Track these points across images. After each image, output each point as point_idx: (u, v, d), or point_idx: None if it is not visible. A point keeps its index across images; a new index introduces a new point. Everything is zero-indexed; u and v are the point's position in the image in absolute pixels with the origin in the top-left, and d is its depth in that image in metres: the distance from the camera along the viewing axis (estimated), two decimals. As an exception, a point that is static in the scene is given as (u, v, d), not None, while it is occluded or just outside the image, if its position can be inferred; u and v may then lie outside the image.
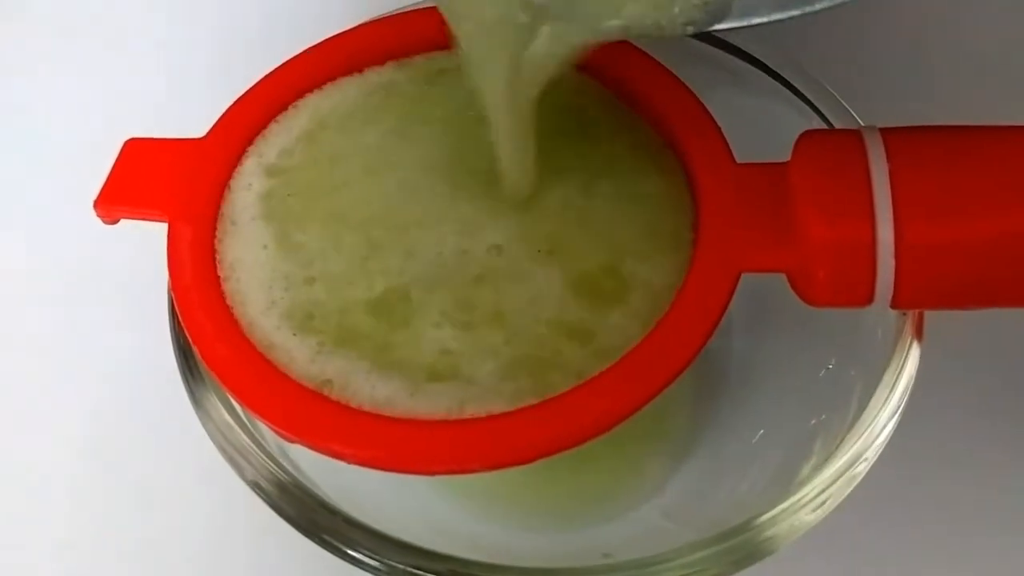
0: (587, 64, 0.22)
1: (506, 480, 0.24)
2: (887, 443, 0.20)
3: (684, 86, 0.22)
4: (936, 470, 0.27)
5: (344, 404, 0.18)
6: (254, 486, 0.20)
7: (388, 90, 0.22)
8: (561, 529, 0.25)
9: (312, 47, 0.22)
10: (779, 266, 0.19)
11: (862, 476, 0.20)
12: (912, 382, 0.21)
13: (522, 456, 0.17)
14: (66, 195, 0.26)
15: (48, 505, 0.28)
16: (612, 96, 0.22)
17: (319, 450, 0.18)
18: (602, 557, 0.20)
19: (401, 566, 0.19)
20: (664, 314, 0.19)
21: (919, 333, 0.21)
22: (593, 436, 0.18)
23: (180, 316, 0.19)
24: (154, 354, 0.22)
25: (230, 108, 0.22)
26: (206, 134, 0.21)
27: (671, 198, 0.21)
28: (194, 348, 0.19)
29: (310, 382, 0.18)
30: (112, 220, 0.21)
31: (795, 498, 0.19)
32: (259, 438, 0.20)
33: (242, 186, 0.21)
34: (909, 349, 0.21)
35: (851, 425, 0.20)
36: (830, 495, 0.19)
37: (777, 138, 0.20)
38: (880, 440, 0.20)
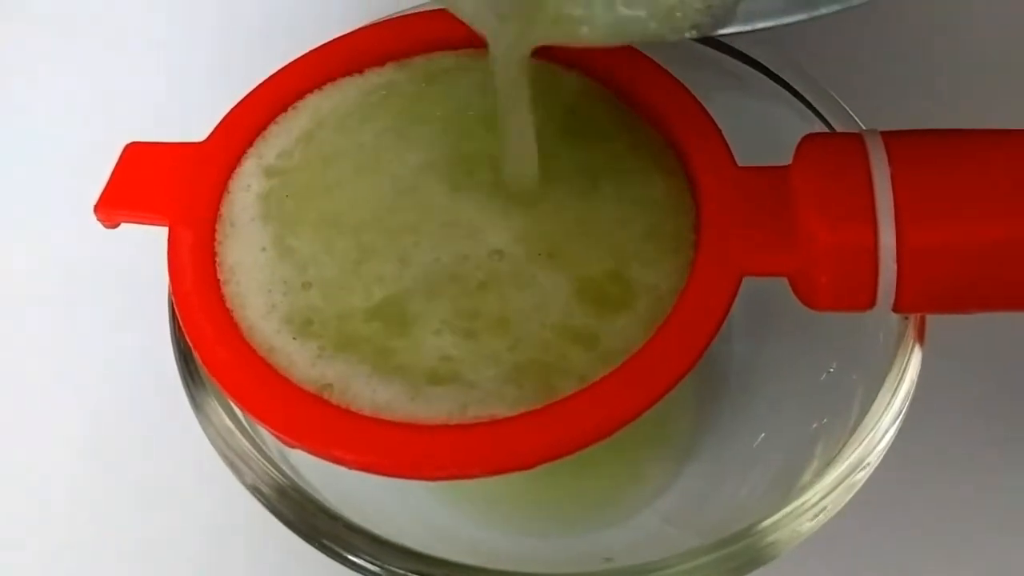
0: (588, 66, 0.22)
1: (507, 485, 0.24)
2: (889, 448, 0.20)
3: (685, 89, 0.22)
4: (938, 474, 0.27)
5: (344, 408, 0.18)
6: (254, 491, 0.20)
7: (388, 90, 0.22)
8: (562, 534, 0.25)
9: (312, 50, 0.22)
10: (780, 270, 0.19)
11: (864, 482, 0.20)
12: (914, 386, 0.21)
13: (523, 461, 0.17)
14: (66, 196, 0.26)
15: (48, 506, 0.28)
16: (613, 98, 0.22)
17: (319, 455, 0.18)
18: (603, 562, 0.20)
19: (401, 571, 0.19)
20: (666, 318, 0.19)
21: (921, 337, 0.21)
22: (595, 441, 0.17)
23: (180, 321, 0.19)
24: (154, 355, 0.22)
25: (230, 112, 0.22)
26: (206, 138, 0.21)
27: (672, 201, 0.20)
28: (194, 353, 0.19)
29: (311, 386, 0.18)
30: (112, 224, 0.21)
31: (797, 504, 0.19)
32: (259, 443, 0.20)
33: (241, 187, 0.21)
34: (911, 353, 0.21)
35: (853, 429, 0.20)
36: (832, 501, 0.19)
37: (779, 141, 0.20)
38: (882, 445, 0.20)
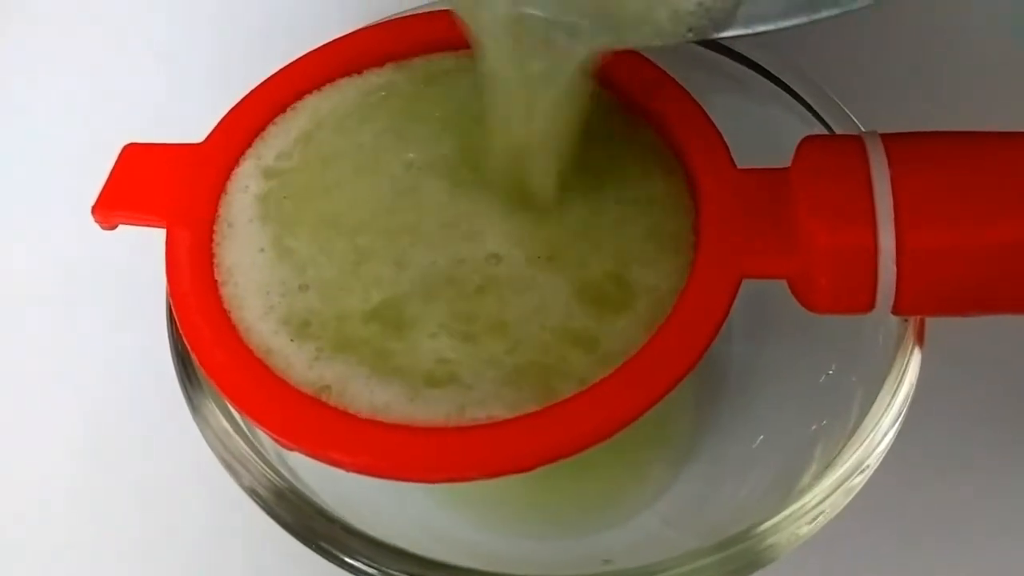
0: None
1: (506, 487, 0.24)
2: (888, 450, 0.20)
3: (685, 91, 0.22)
4: (937, 477, 0.27)
5: (342, 411, 0.18)
6: (251, 493, 0.19)
7: (387, 90, 0.22)
8: (561, 537, 0.25)
9: (311, 51, 0.22)
10: (780, 272, 0.19)
11: (863, 484, 0.20)
12: (914, 388, 0.21)
13: (522, 464, 0.17)
14: (65, 196, 0.26)
15: (45, 506, 0.28)
16: (613, 99, 0.22)
17: (317, 458, 0.18)
18: (602, 564, 0.20)
19: (398, 574, 0.19)
20: (665, 320, 0.19)
21: (920, 339, 0.21)
22: (594, 443, 0.17)
23: (178, 323, 0.19)
24: (153, 356, 0.22)
25: (229, 113, 0.22)
26: (205, 139, 0.21)
27: (672, 203, 0.20)
28: (192, 354, 0.19)
29: (308, 388, 0.18)
30: (110, 226, 0.21)
31: (796, 506, 0.19)
32: (257, 445, 0.20)
33: (239, 188, 0.21)
34: (910, 355, 0.21)
35: (852, 432, 0.20)
36: (831, 503, 0.19)
37: (778, 143, 0.20)
38: (882, 447, 0.20)
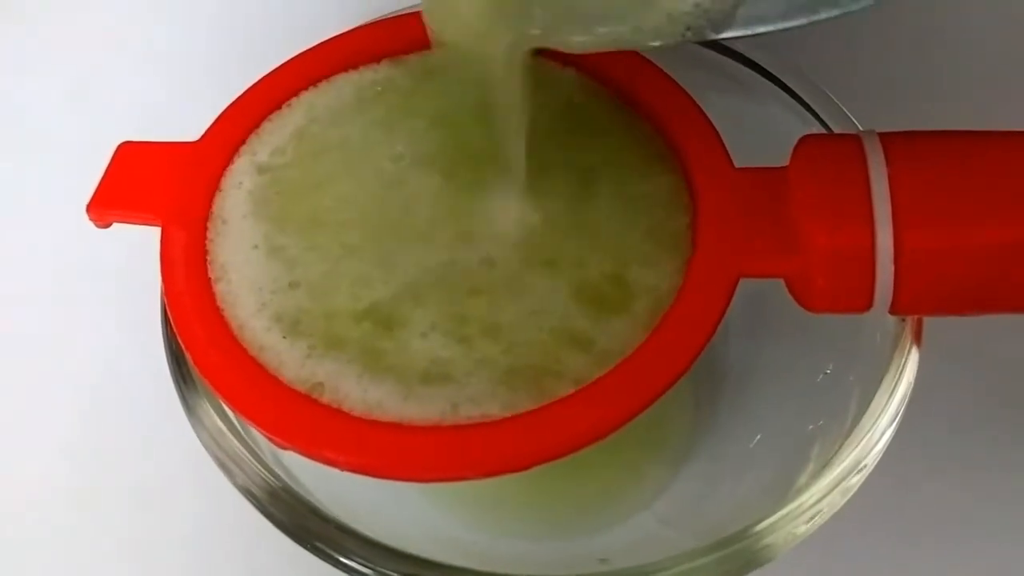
0: (586, 65, 0.22)
1: (501, 487, 0.24)
2: (885, 450, 0.20)
3: (683, 90, 0.21)
4: (934, 476, 0.27)
5: (335, 409, 0.18)
6: (246, 492, 0.19)
7: (383, 86, 0.22)
8: (558, 537, 0.25)
9: (308, 49, 0.22)
10: (777, 271, 0.19)
11: (861, 484, 0.20)
12: (911, 388, 0.21)
13: (517, 463, 0.17)
14: (60, 195, 0.26)
15: (40, 506, 0.28)
16: (611, 98, 0.22)
17: (311, 457, 0.17)
18: (599, 563, 0.20)
19: (394, 573, 0.19)
20: (662, 320, 0.18)
21: (918, 339, 0.21)
22: (589, 443, 0.17)
23: (172, 322, 0.19)
24: (147, 355, 0.22)
25: (224, 110, 0.22)
26: (200, 137, 0.21)
27: (669, 202, 0.20)
28: (186, 354, 0.19)
29: (301, 385, 0.18)
30: (105, 224, 0.21)
31: (793, 505, 0.19)
32: (252, 444, 0.20)
33: (233, 184, 0.21)
34: (908, 355, 0.21)
35: (849, 431, 0.20)
36: (828, 503, 0.19)
37: (776, 143, 0.20)
38: (879, 447, 0.20)
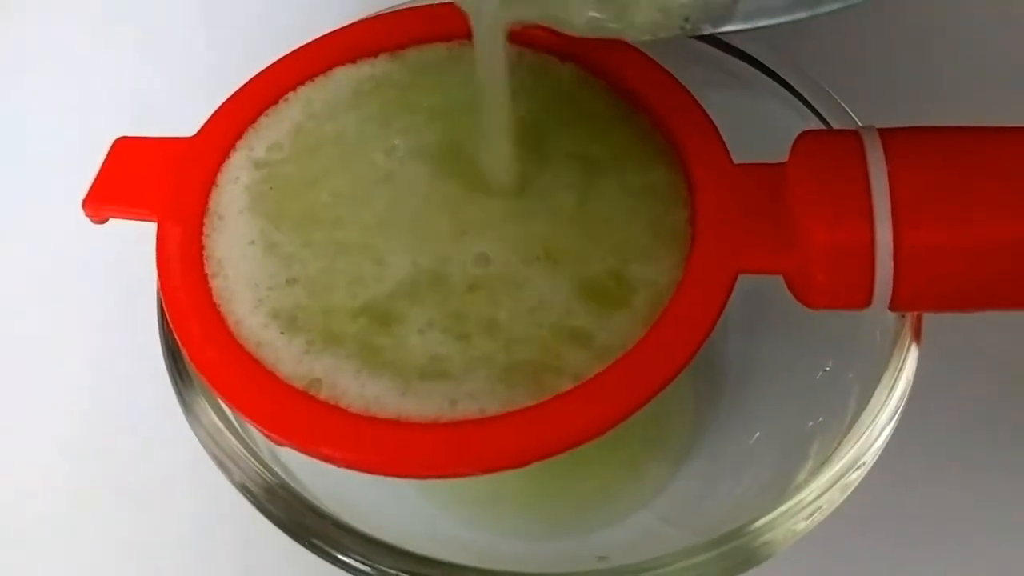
0: (585, 60, 0.22)
1: (500, 484, 0.23)
2: (884, 447, 0.20)
3: (681, 86, 0.21)
4: (934, 474, 0.27)
5: (333, 405, 0.18)
6: (243, 489, 0.19)
7: (380, 81, 0.22)
8: (557, 536, 0.25)
9: (304, 44, 0.22)
10: (776, 268, 0.19)
11: (859, 481, 0.20)
12: (910, 385, 0.21)
13: (515, 460, 0.17)
14: (56, 191, 0.26)
15: (36, 503, 0.28)
16: (610, 93, 0.22)
17: (307, 453, 0.17)
18: (597, 560, 0.20)
19: (392, 571, 0.18)
20: (660, 316, 0.18)
21: (918, 336, 0.21)
22: (588, 439, 0.17)
23: (168, 317, 0.19)
24: (144, 352, 0.22)
25: (221, 106, 0.21)
26: (196, 132, 0.21)
27: (668, 198, 0.20)
28: (182, 350, 0.19)
29: (298, 381, 0.18)
30: (101, 220, 0.21)
31: (792, 502, 0.19)
32: (249, 441, 0.20)
33: (230, 180, 0.21)
34: (907, 352, 0.21)
35: (848, 428, 0.20)
36: (827, 500, 0.19)
37: (775, 139, 0.20)
38: (878, 444, 0.20)
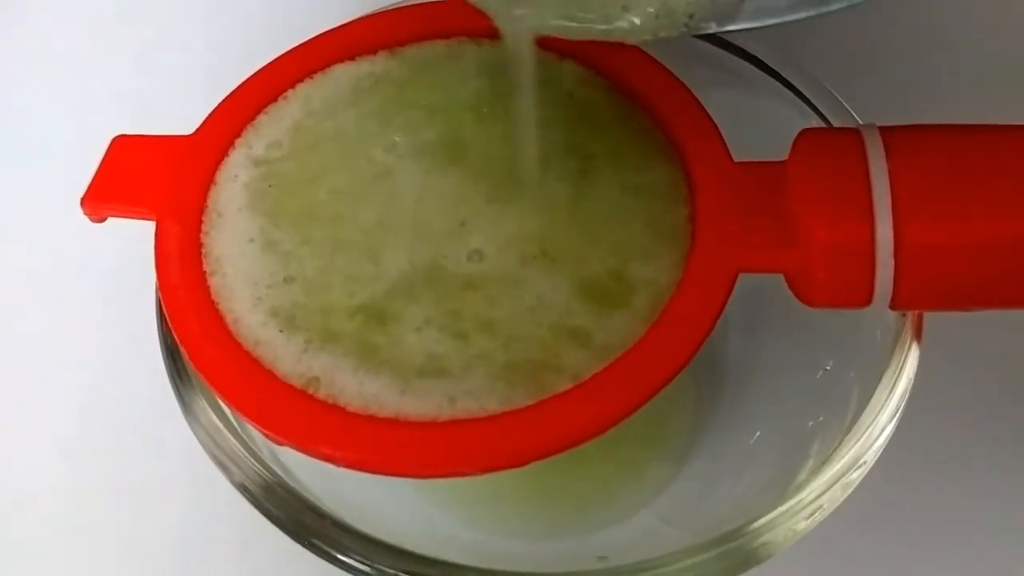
0: (585, 58, 0.22)
1: (499, 484, 0.23)
2: (885, 446, 0.20)
3: (682, 84, 0.21)
4: (935, 473, 0.27)
5: (332, 404, 0.18)
6: (242, 489, 0.19)
7: (379, 78, 0.22)
8: (556, 535, 0.25)
9: (303, 42, 0.22)
10: (777, 266, 0.19)
11: (860, 480, 0.20)
12: (911, 384, 0.20)
13: (514, 459, 0.17)
14: (55, 190, 0.26)
15: (36, 503, 0.28)
16: (610, 90, 0.22)
17: (307, 452, 0.17)
18: (597, 560, 0.20)
19: (392, 571, 0.18)
20: (660, 315, 0.18)
21: (918, 334, 0.21)
22: (588, 438, 0.17)
23: (167, 315, 0.19)
24: (144, 352, 0.22)
25: (220, 104, 0.21)
26: (195, 130, 0.21)
27: (668, 196, 0.20)
28: (181, 349, 0.19)
29: (297, 380, 0.18)
30: (99, 218, 0.21)
31: (793, 502, 0.19)
32: (248, 441, 0.20)
33: (228, 177, 0.21)
34: (908, 350, 0.21)
35: (849, 427, 0.20)
36: (828, 499, 0.19)
37: (775, 137, 0.20)
38: (879, 443, 0.20)
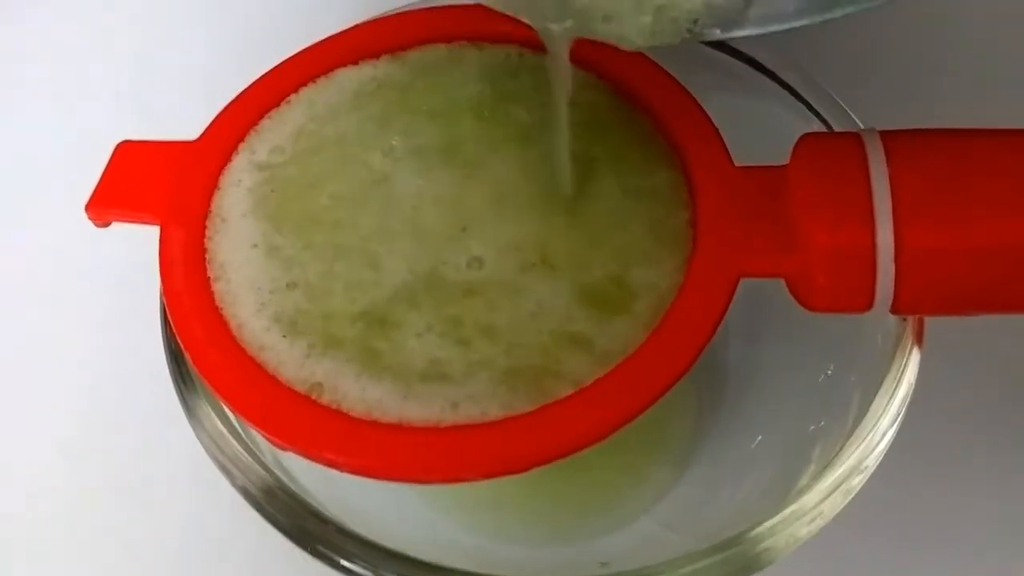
0: (586, 61, 0.22)
1: (501, 490, 0.24)
2: (887, 451, 0.20)
3: (683, 88, 0.21)
4: (936, 478, 0.27)
5: (335, 409, 0.18)
6: (245, 494, 0.19)
7: (382, 82, 0.22)
8: (558, 541, 0.25)
9: (307, 47, 0.22)
10: (778, 271, 0.19)
11: (862, 485, 0.20)
12: (912, 389, 0.20)
13: (516, 465, 0.17)
14: (59, 194, 0.26)
15: (38, 505, 0.28)
16: (611, 94, 0.22)
17: (310, 458, 0.17)
18: (599, 567, 0.20)
19: (393, 576, 0.18)
20: (662, 321, 0.18)
21: (919, 339, 0.21)
22: (589, 444, 0.17)
23: (171, 321, 0.19)
24: (147, 356, 0.22)
25: (224, 109, 0.21)
26: (199, 136, 0.21)
27: (669, 200, 0.20)
28: (185, 354, 0.19)
29: (300, 385, 0.18)
30: (104, 223, 0.21)
31: (794, 507, 0.19)
32: (252, 446, 0.20)
33: (232, 183, 0.21)
34: (909, 355, 0.21)
35: (850, 432, 0.20)
36: (829, 505, 0.19)
37: (776, 141, 0.20)
38: (880, 448, 0.20)
